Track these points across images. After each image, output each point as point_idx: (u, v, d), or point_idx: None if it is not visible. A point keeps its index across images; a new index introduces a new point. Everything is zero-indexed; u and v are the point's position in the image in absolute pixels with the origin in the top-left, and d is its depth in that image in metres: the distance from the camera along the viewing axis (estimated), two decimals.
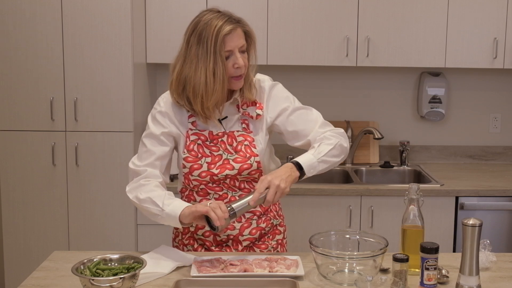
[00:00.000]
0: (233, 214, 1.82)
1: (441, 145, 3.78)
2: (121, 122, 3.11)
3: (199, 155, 1.98)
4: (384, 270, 1.84)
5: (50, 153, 3.13)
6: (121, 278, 1.60)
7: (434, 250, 1.66)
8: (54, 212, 3.16)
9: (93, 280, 1.59)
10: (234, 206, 1.84)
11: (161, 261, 1.88)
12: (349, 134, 3.55)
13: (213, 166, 1.97)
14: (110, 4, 3.03)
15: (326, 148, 1.96)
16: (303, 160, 1.93)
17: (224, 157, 1.98)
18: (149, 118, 2.04)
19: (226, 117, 2.02)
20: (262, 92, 2.05)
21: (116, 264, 1.73)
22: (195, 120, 2.00)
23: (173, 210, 1.87)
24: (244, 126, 2.02)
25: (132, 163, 2.03)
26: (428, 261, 1.66)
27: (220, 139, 2.00)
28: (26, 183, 3.15)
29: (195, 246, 2.07)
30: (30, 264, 3.15)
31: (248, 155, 1.98)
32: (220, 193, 2.00)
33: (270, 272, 1.79)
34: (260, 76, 2.09)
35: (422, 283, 1.68)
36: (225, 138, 2.00)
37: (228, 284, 1.72)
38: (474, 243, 1.62)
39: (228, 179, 1.99)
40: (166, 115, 2.00)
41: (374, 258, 1.74)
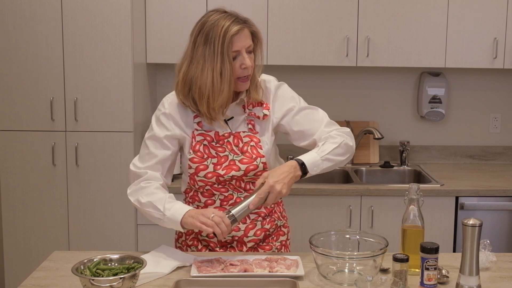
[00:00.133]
0: (233, 220, 1.83)
1: (441, 145, 3.78)
2: (121, 122, 3.11)
3: (205, 156, 1.97)
4: (384, 270, 1.83)
5: (50, 153, 3.13)
6: (121, 278, 1.60)
7: (434, 250, 1.66)
8: (54, 212, 3.16)
9: (93, 280, 1.58)
10: (234, 211, 1.84)
11: (161, 261, 1.88)
12: None
13: (219, 167, 1.96)
14: (110, 4, 3.03)
15: (330, 146, 1.95)
16: (307, 158, 1.92)
17: (230, 158, 1.97)
18: (153, 119, 2.03)
19: (232, 117, 2.01)
20: (268, 92, 2.05)
21: (116, 264, 1.72)
22: (201, 120, 1.99)
23: (173, 215, 1.87)
24: (250, 126, 2.01)
25: (133, 165, 2.02)
26: (428, 261, 1.66)
27: (226, 140, 1.99)
28: (26, 183, 3.15)
29: (199, 247, 2.07)
30: (30, 264, 3.15)
31: (254, 156, 1.97)
32: (225, 194, 1.99)
33: (270, 272, 1.79)
34: (265, 76, 2.08)
35: (422, 283, 1.68)
36: (231, 139, 1.99)
37: (228, 284, 1.72)
38: (474, 243, 1.62)
39: (234, 180, 1.98)
40: (171, 117, 1.99)
41: (374, 258, 1.74)
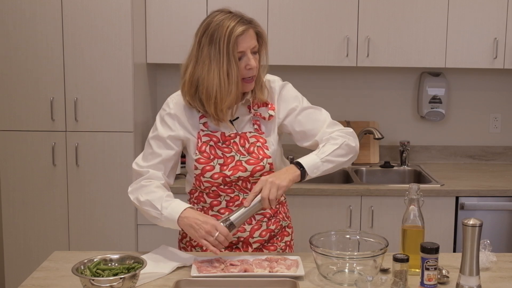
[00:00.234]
0: (231, 226, 1.83)
1: (441, 145, 3.78)
2: (121, 122, 3.11)
3: (211, 157, 1.96)
4: (384, 270, 1.83)
5: (50, 153, 3.13)
6: (121, 278, 1.60)
7: (434, 250, 1.66)
8: (54, 212, 3.16)
9: (93, 280, 1.59)
10: (232, 218, 1.84)
11: (161, 261, 1.88)
12: None
13: (225, 167, 1.95)
14: (110, 4, 3.03)
15: (330, 148, 1.94)
16: (306, 160, 1.92)
17: (236, 158, 1.96)
18: (157, 119, 2.02)
19: (237, 118, 2.00)
20: (273, 92, 2.04)
21: (116, 264, 1.72)
22: (207, 121, 1.98)
23: (170, 214, 1.87)
24: (256, 127, 2.00)
25: (135, 164, 2.02)
26: (428, 261, 1.66)
27: (232, 140, 1.98)
28: (26, 183, 3.14)
29: (204, 248, 2.06)
30: (30, 264, 3.15)
31: (260, 157, 1.97)
32: (231, 195, 1.99)
33: (270, 272, 1.79)
34: (270, 76, 2.07)
35: (422, 283, 1.68)
36: (237, 139, 1.98)
37: (228, 284, 1.72)
38: (474, 243, 1.62)
39: (240, 181, 1.97)
40: (176, 118, 1.98)
41: (375, 258, 1.74)
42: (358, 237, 1.91)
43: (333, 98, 3.72)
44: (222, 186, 1.98)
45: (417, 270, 1.77)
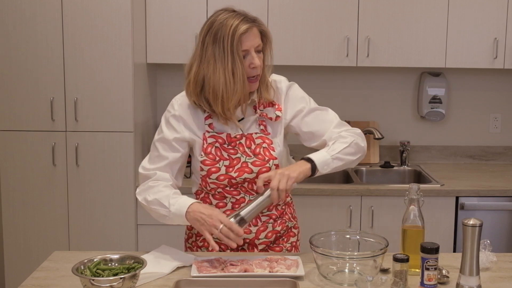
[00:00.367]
0: (242, 221, 1.82)
1: (441, 145, 3.78)
2: (121, 122, 3.11)
3: (217, 158, 1.95)
4: (384, 270, 1.83)
5: (50, 153, 3.13)
6: (121, 278, 1.59)
7: (435, 250, 1.66)
8: (54, 212, 3.16)
9: (93, 280, 1.58)
10: (242, 213, 1.83)
11: (161, 261, 1.88)
12: None
13: (231, 169, 1.94)
14: (110, 4, 3.03)
15: (340, 146, 1.94)
16: (316, 156, 1.91)
17: (242, 160, 1.95)
18: (162, 121, 2.01)
19: (243, 118, 1.98)
20: (280, 93, 2.03)
21: (116, 264, 1.72)
22: (212, 122, 1.97)
23: (178, 209, 1.86)
24: (262, 127, 1.99)
25: (142, 168, 2.01)
26: (428, 261, 1.66)
27: (238, 142, 1.97)
28: (26, 183, 3.14)
29: (210, 248, 2.05)
30: (30, 264, 3.14)
31: (266, 158, 1.96)
32: (237, 197, 1.97)
33: (270, 272, 1.79)
34: (276, 76, 2.06)
35: (422, 283, 1.68)
36: (243, 141, 1.97)
37: (228, 284, 1.72)
38: (474, 243, 1.62)
39: (246, 183, 1.96)
40: (181, 119, 1.97)
41: (375, 258, 1.74)
42: (358, 237, 1.91)
43: (333, 98, 3.71)
44: (228, 188, 1.96)
45: (417, 270, 1.77)
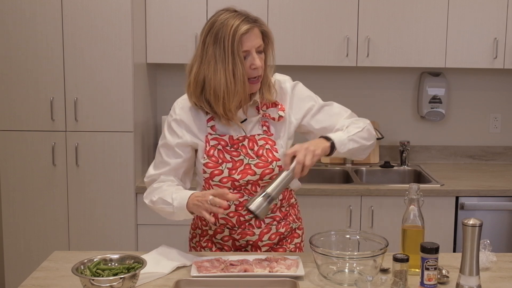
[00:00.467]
0: (270, 199, 1.78)
1: (441, 145, 3.78)
2: (121, 122, 3.11)
3: (220, 161, 1.94)
4: (384, 270, 1.83)
5: (50, 153, 3.13)
6: (121, 278, 1.59)
7: (434, 250, 1.66)
8: (54, 212, 3.16)
9: (93, 280, 1.58)
10: (269, 190, 1.79)
11: (161, 261, 1.88)
12: None
13: (234, 171, 1.93)
14: (110, 4, 3.03)
15: (355, 129, 1.95)
16: (334, 136, 1.91)
17: (245, 162, 1.94)
18: (164, 125, 2.02)
19: (246, 119, 1.98)
20: (284, 93, 2.02)
21: (116, 264, 1.72)
22: (214, 124, 1.96)
23: (180, 203, 1.86)
24: (264, 128, 1.98)
25: (147, 175, 2.03)
26: (428, 261, 1.66)
27: (240, 144, 1.96)
28: (26, 183, 3.14)
29: (214, 249, 2.05)
30: (30, 264, 3.14)
31: (269, 160, 1.94)
32: (240, 199, 1.96)
33: (270, 272, 1.79)
34: (280, 76, 2.05)
35: (422, 283, 1.68)
36: (246, 142, 1.96)
37: (228, 284, 1.72)
38: (474, 243, 1.62)
39: (249, 185, 1.95)
40: (182, 124, 1.97)
41: (374, 258, 1.74)
42: (358, 237, 1.91)
43: (333, 98, 3.66)
44: (231, 190, 1.95)
45: (417, 270, 1.77)
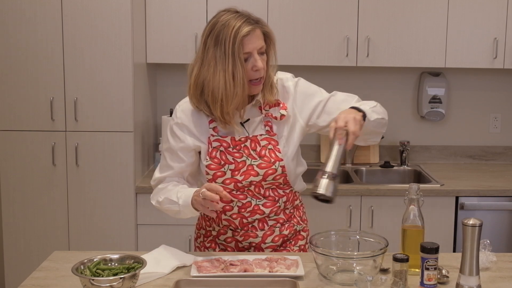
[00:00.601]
0: (333, 176, 1.72)
1: (441, 145, 3.78)
2: (121, 122, 3.11)
3: (222, 162, 1.93)
4: (384, 270, 1.83)
5: (50, 153, 3.13)
6: (121, 278, 1.59)
7: (434, 250, 1.66)
8: (54, 212, 3.16)
9: (93, 280, 1.58)
10: (328, 169, 1.73)
11: (161, 261, 1.88)
12: None
13: (237, 173, 1.92)
14: (110, 4, 3.03)
15: (370, 104, 1.95)
16: (359, 106, 1.89)
17: (248, 163, 1.92)
18: (167, 129, 2.01)
19: (248, 119, 1.96)
20: (287, 92, 2.00)
21: (116, 264, 1.72)
22: (216, 125, 1.94)
23: (185, 201, 1.86)
24: (267, 128, 1.96)
25: (153, 180, 2.04)
26: (428, 261, 1.66)
27: (243, 145, 1.94)
28: (26, 183, 3.14)
29: (217, 250, 2.05)
30: (30, 264, 3.14)
31: (272, 160, 1.93)
32: (243, 201, 1.95)
33: (270, 272, 1.79)
34: (281, 74, 2.03)
35: (422, 283, 1.68)
36: (248, 143, 1.94)
37: (228, 284, 1.72)
38: (474, 243, 1.62)
39: (252, 186, 1.93)
40: (184, 127, 1.96)
41: (374, 258, 1.74)
42: (358, 237, 1.91)
43: None
44: (234, 192, 1.94)
45: (417, 270, 1.77)
